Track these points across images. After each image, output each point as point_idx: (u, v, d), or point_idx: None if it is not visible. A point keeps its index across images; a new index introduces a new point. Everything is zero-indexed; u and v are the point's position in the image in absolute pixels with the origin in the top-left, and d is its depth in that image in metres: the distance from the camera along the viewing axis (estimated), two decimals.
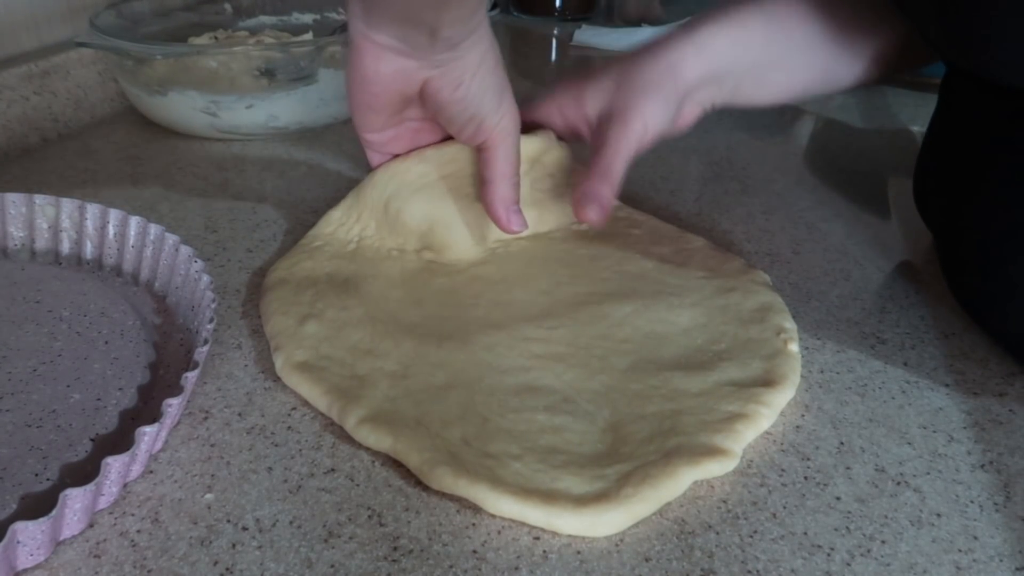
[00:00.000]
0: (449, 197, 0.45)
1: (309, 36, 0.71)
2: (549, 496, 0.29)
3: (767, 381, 0.35)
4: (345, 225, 0.46)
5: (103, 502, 0.29)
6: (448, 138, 0.45)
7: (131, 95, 0.64)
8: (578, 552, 0.28)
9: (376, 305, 0.40)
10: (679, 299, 0.41)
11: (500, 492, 0.29)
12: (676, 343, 0.38)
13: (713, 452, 0.32)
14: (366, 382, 0.35)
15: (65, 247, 0.44)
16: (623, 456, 0.32)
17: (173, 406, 0.31)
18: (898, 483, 0.32)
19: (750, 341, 0.38)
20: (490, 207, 0.43)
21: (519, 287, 0.43)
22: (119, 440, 0.31)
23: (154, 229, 0.42)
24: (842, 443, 0.34)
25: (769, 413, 0.34)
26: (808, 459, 0.33)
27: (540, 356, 0.37)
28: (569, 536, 0.29)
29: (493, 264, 0.45)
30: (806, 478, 0.32)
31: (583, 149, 0.46)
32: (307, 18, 0.77)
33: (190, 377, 0.32)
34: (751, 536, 0.29)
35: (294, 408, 0.35)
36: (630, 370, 0.36)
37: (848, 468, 0.33)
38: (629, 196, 0.51)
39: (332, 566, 0.28)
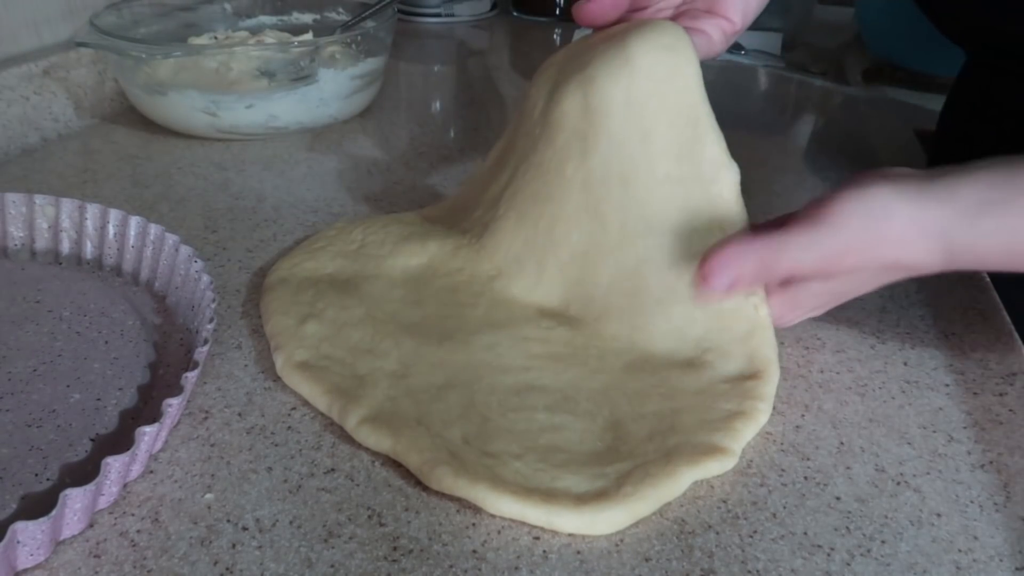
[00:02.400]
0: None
1: (309, 36, 0.71)
2: (549, 495, 0.29)
3: (754, 373, 0.35)
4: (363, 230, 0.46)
5: (103, 502, 0.29)
6: None
7: (131, 95, 0.64)
8: (578, 552, 0.28)
9: (376, 305, 0.40)
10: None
11: (500, 492, 0.29)
12: (656, 329, 0.37)
13: (712, 451, 0.32)
14: (366, 382, 0.35)
15: (65, 247, 0.44)
16: (623, 455, 0.32)
17: (173, 406, 0.30)
18: (898, 483, 0.32)
19: (723, 313, 0.36)
20: None
21: (519, 287, 0.42)
22: (119, 440, 0.31)
23: (154, 229, 0.42)
24: (842, 443, 0.34)
25: (764, 407, 0.34)
26: (808, 459, 0.33)
27: (540, 356, 0.37)
28: (569, 536, 0.29)
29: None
30: (806, 478, 0.32)
31: None
32: (307, 18, 0.77)
33: (190, 377, 0.32)
34: (751, 536, 0.29)
35: (294, 408, 0.35)
36: (629, 368, 0.36)
37: (848, 468, 0.33)
38: None
39: (332, 566, 0.28)
